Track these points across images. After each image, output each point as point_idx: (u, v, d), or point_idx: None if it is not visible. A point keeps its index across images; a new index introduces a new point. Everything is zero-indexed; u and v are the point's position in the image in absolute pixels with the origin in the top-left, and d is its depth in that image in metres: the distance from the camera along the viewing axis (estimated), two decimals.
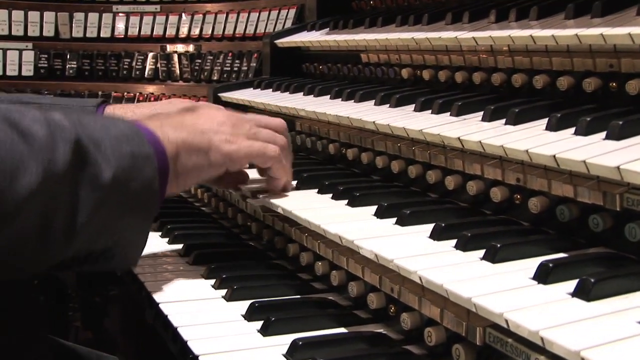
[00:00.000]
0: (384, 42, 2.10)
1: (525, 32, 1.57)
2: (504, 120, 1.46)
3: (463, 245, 1.22)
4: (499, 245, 1.16)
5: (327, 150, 2.02)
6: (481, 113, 1.54)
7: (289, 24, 3.32)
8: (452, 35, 1.79)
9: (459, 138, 1.41)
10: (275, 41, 2.79)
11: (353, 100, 2.01)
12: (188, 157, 1.33)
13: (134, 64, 4.10)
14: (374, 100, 1.93)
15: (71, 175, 1.06)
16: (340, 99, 2.08)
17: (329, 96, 2.17)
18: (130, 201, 1.17)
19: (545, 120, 1.38)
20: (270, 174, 1.57)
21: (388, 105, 1.85)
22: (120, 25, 4.29)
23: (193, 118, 1.38)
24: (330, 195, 1.64)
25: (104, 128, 1.15)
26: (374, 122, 1.69)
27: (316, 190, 1.70)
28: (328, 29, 2.57)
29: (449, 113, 1.63)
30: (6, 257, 1.03)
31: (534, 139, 1.30)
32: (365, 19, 2.35)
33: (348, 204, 1.56)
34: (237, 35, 3.65)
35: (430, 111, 1.69)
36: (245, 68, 3.47)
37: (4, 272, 1.06)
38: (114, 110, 1.71)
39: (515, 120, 1.44)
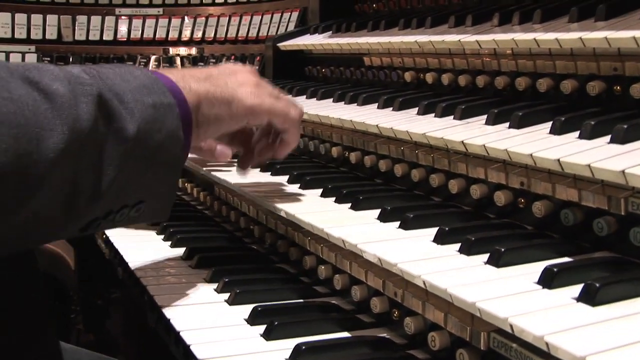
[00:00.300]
0: (387, 45, 2.09)
1: (529, 36, 1.57)
2: (507, 124, 1.46)
3: (467, 249, 1.22)
4: (503, 250, 1.16)
5: (330, 153, 2.02)
6: (485, 116, 1.53)
7: (291, 27, 3.32)
8: (455, 39, 1.78)
9: (462, 142, 1.41)
10: (278, 44, 2.79)
11: (356, 104, 2.01)
12: (210, 108, 1.29)
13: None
14: (377, 104, 1.93)
15: (96, 131, 1.03)
16: (343, 102, 2.08)
17: (331, 99, 2.16)
18: (156, 153, 1.14)
19: (549, 124, 1.37)
20: (284, 137, 1.51)
21: (391, 108, 1.85)
22: (122, 28, 4.29)
23: (218, 71, 1.37)
24: (334, 198, 1.63)
25: (124, 80, 1.12)
26: (377, 125, 1.69)
27: (319, 193, 1.69)
28: (331, 32, 2.57)
29: (452, 116, 1.62)
30: (31, 229, 1.00)
31: (538, 143, 1.30)
32: (368, 22, 2.35)
33: (351, 207, 1.55)
34: (239, 38, 3.65)
35: (433, 114, 1.68)
36: None
37: (29, 241, 1.05)
38: None
39: (519, 123, 1.43)
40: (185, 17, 4.07)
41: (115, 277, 1.81)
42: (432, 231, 1.31)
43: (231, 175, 1.91)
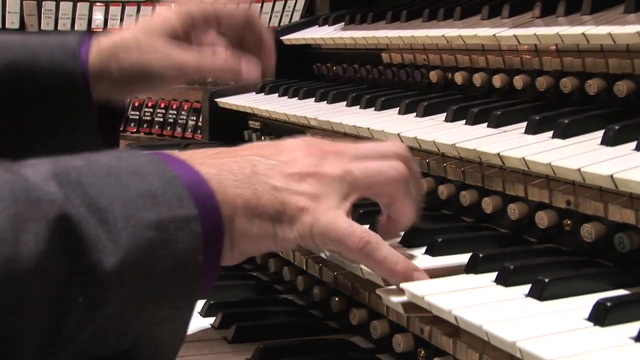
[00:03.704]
0: (409, 39, 2.11)
1: (577, 30, 1.59)
2: (551, 133, 1.48)
3: (505, 280, 1.23)
4: (547, 280, 1.17)
5: None
6: (524, 124, 1.55)
7: (296, 18, 3.35)
8: (489, 33, 1.81)
9: (498, 154, 1.43)
10: (281, 38, 2.81)
11: (373, 108, 2.03)
12: (249, 223, 1.09)
13: None
14: (397, 108, 1.95)
15: (46, 271, 0.85)
16: (359, 107, 2.10)
17: (345, 103, 2.18)
18: (156, 287, 0.95)
19: (600, 133, 1.39)
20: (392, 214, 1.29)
21: (414, 114, 1.87)
22: (98, 17, 4.33)
23: (266, 163, 1.13)
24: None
25: (120, 184, 0.94)
26: (398, 134, 1.71)
27: None
28: (343, 23, 2.59)
29: (486, 124, 1.64)
30: None
31: (587, 156, 1.31)
32: (386, 12, 2.38)
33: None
34: None
35: (464, 122, 1.71)
36: None
37: None
38: (99, 43, 1.56)
39: (565, 132, 1.45)
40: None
41: None
42: (464, 258, 1.33)
43: None
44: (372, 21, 2.44)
